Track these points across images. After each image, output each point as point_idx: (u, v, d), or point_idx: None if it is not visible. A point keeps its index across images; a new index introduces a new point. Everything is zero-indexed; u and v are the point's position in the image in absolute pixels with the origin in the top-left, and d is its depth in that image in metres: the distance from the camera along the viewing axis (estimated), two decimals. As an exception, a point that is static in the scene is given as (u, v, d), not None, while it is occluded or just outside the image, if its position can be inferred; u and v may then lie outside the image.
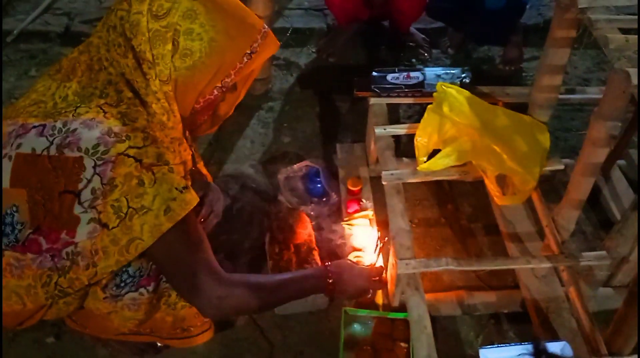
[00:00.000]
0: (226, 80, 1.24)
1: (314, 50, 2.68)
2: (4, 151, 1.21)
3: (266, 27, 1.27)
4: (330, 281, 1.41)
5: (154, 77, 1.19)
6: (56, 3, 2.83)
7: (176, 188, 1.17)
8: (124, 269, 1.27)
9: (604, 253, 1.49)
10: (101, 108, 1.17)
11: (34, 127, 1.19)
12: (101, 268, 1.19)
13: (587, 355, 1.36)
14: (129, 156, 1.14)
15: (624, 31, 1.24)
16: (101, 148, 1.14)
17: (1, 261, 1.22)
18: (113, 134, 1.15)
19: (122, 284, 1.29)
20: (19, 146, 1.19)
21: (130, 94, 1.20)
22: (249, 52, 1.23)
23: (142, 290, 1.31)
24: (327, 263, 1.45)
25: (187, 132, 1.41)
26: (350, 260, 1.57)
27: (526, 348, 1.30)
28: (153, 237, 1.16)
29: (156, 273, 1.31)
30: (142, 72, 1.19)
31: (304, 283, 1.41)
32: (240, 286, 1.31)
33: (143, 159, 1.15)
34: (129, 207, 1.14)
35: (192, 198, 1.20)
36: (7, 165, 1.20)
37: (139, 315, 1.33)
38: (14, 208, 1.20)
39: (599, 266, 1.54)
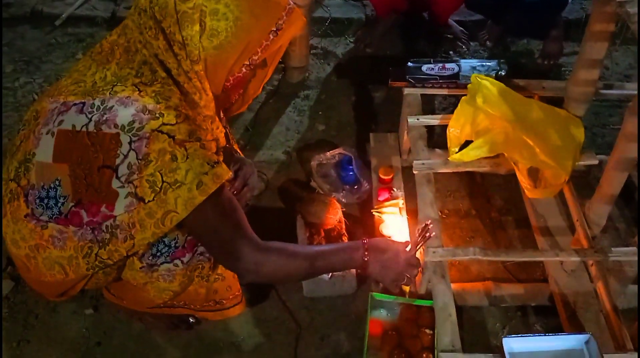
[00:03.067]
0: (254, 57, 1.27)
1: (351, 40, 2.70)
2: (46, 128, 1.28)
3: (291, 3, 1.30)
4: (365, 259, 1.37)
5: (184, 58, 1.24)
6: (103, -11, 2.92)
7: (208, 163, 1.21)
8: (159, 239, 1.32)
9: (634, 248, 1.48)
10: (136, 87, 1.23)
11: (74, 104, 1.26)
12: (138, 240, 1.25)
13: (613, 350, 1.36)
14: (162, 133, 1.19)
15: (663, 26, 1.23)
16: (136, 125, 1.19)
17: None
18: (147, 112, 1.20)
19: (158, 254, 1.34)
20: (60, 122, 1.26)
21: (163, 74, 1.25)
22: (274, 29, 1.26)
23: (176, 261, 1.36)
24: (364, 240, 1.38)
25: (220, 113, 1.46)
26: (390, 240, 1.52)
27: (554, 339, 1.30)
28: (187, 210, 1.20)
29: (190, 245, 1.36)
30: (174, 53, 1.23)
31: (339, 256, 1.39)
32: (276, 253, 1.34)
33: (176, 135, 1.19)
34: (163, 181, 1.19)
35: (224, 171, 1.24)
36: (50, 141, 1.27)
37: (174, 286, 1.39)
38: (57, 182, 1.26)
39: (629, 262, 1.53)
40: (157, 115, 1.20)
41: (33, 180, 1.29)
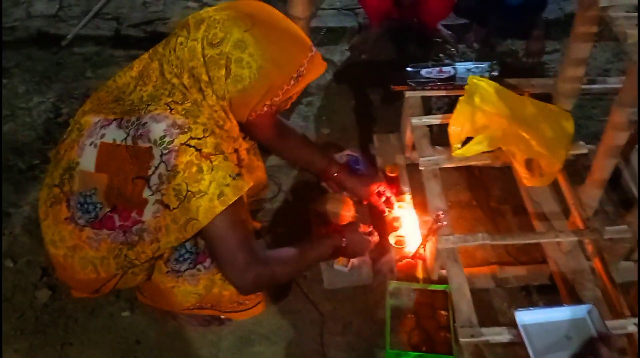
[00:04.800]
0: (275, 99, 1.41)
1: (347, 47, 2.84)
2: (90, 139, 1.40)
3: (314, 50, 1.42)
4: (343, 245, 1.61)
5: (210, 94, 1.36)
6: (104, 8, 3.02)
7: (230, 175, 1.34)
8: (182, 244, 1.44)
9: (625, 227, 1.64)
10: (168, 105, 1.36)
11: (115, 120, 1.39)
12: (163, 243, 1.37)
13: (611, 318, 1.51)
14: (190, 146, 1.31)
15: (642, 27, 1.39)
16: (167, 139, 1.32)
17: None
18: (177, 127, 1.32)
19: (181, 259, 1.46)
20: (102, 136, 1.39)
21: (194, 96, 1.38)
22: (295, 76, 1.40)
23: (199, 266, 1.48)
24: (339, 230, 1.65)
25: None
26: (354, 224, 1.74)
27: (560, 310, 1.44)
28: (207, 218, 1.32)
29: (208, 250, 1.47)
30: (199, 89, 1.36)
31: (321, 248, 1.60)
32: (272, 264, 1.47)
33: (202, 148, 1.32)
34: (187, 191, 1.31)
35: (244, 183, 1.36)
36: (93, 152, 1.40)
37: (199, 289, 1.50)
38: (93, 190, 1.39)
39: (621, 240, 1.68)
40: (186, 130, 1.32)
41: (75, 187, 1.41)
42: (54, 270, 1.56)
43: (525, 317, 1.42)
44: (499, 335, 1.42)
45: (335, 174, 1.84)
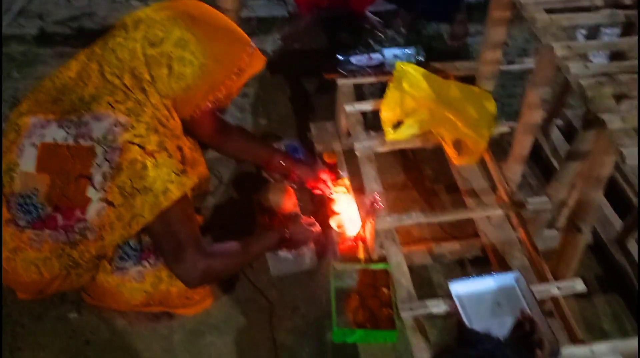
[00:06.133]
0: (218, 95, 1.44)
1: (278, 37, 2.87)
2: (29, 140, 1.40)
3: (253, 46, 1.47)
4: (287, 235, 1.70)
5: (153, 93, 1.38)
6: (28, 5, 2.93)
7: (174, 172, 1.37)
8: (125, 242, 1.47)
9: (545, 198, 1.76)
10: (110, 104, 1.37)
11: (55, 120, 1.39)
12: (107, 241, 1.40)
13: (537, 283, 1.64)
14: (133, 144, 1.34)
15: (549, 11, 1.49)
16: (110, 137, 1.34)
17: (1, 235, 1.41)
18: (120, 125, 1.34)
19: (126, 256, 1.49)
20: (42, 136, 1.39)
21: (137, 96, 1.39)
22: (236, 71, 1.43)
23: (144, 262, 1.51)
24: (282, 221, 1.75)
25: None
26: (296, 215, 1.85)
27: (490, 279, 1.55)
28: (153, 214, 1.36)
29: (155, 246, 1.50)
30: (142, 88, 1.38)
31: (266, 240, 1.68)
32: (219, 257, 1.53)
33: (146, 146, 1.34)
34: (132, 188, 1.34)
35: (188, 180, 1.40)
36: (33, 152, 1.39)
37: (145, 286, 1.53)
38: (34, 191, 1.39)
39: (543, 210, 1.81)
40: (129, 127, 1.34)
41: (16, 188, 1.40)
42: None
43: (458, 287, 1.52)
44: (436, 307, 1.51)
45: (281, 162, 1.88)
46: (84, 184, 1.37)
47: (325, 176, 1.93)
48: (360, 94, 2.51)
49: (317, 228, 1.79)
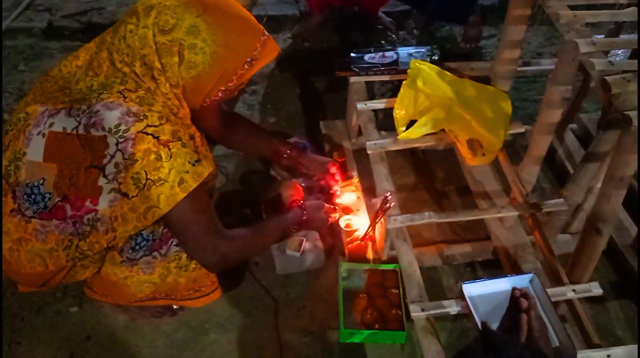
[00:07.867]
0: (229, 84, 1.41)
1: (289, 36, 2.84)
2: (37, 129, 1.36)
3: (266, 34, 1.43)
4: (304, 218, 1.71)
5: (164, 82, 1.35)
6: (36, -1, 2.92)
7: (189, 162, 1.34)
8: (138, 232, 1.43)
9: (562, 200, 1.72)
10: (121, 93, 1.33)
11: (64, 109, 1.35)
12: (120, 233, 1.36)
13: (551, 286, 1.59)
14: (147, 134, 1.30)
15: (572, 8, 1.45)
16: (122, 127, 1.30)
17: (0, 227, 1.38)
18: (132, 114, 1.30)
19: (137, 247, 1.44)
20: (51, 124, 1.35)
21: (147, 85, 1.36)
22: (249, 60, 1.40)
23: (155, 253, 1.47)
24: (301, 205, 1.74)
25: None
26: (316, 201, 1.84)
27: (504, 280, 1.50)
28: (169, 205, 1.32)
29: (167, 237, 1.46)
30: (152, 77, 1.35)
31: (283, 221, 1.69)
32: (239, 240, 1.51)
33: (160, 136, 1.31)
34: (147, 179, 1.30)
35: (204, 169, 1.37)
36: (41, 141, 1.35)
37: (154, 278, 1.49)
38: (41, 180, 1.35)
39: (558, 213, 1.77)
40: (142, 117, 1.31)
41: (21, 178, 1.36)
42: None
43: (471, 288, 1.47)
44: (448, 308, 1.47)
45: (288, 153, 1.86)
46: (95, 174, 1.33)
47: (334, 169, 1.89)
48: (371, 93, 2.48)
49: (334, 218, 1.82)
